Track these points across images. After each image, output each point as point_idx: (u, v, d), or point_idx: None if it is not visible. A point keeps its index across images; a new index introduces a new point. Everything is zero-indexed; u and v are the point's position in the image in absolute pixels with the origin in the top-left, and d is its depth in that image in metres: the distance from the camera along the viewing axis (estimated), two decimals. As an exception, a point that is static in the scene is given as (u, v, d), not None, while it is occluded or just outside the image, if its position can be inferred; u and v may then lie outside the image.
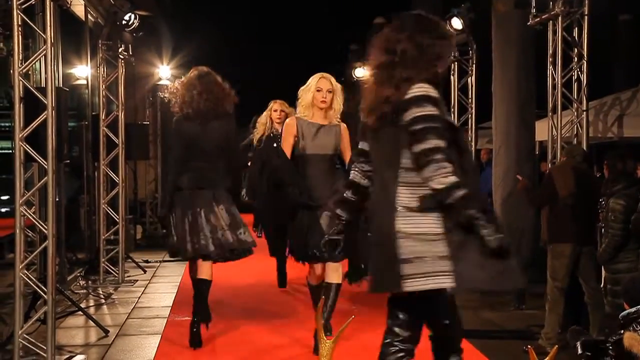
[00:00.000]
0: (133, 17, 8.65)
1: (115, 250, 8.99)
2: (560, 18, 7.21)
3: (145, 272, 9.53)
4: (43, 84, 5.76)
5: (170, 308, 7.30)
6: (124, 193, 9.32)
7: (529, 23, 7.59)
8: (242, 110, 6.54)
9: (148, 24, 9.94)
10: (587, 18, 7.26)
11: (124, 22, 8.64)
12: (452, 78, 9.79)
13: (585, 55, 7.34)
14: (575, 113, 7.51)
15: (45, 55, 5.33)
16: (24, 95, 5.32)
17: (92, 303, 7.70)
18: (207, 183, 5.76)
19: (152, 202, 14.33)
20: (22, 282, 5.33)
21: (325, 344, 4.21)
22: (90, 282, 8.64)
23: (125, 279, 8.89)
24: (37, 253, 5.99)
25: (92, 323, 6.51)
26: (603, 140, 8.76)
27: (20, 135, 5.28)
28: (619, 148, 7.35)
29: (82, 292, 8.15)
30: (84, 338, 6.32)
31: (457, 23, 8.80)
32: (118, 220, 9.02)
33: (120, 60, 9.01)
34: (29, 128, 5.29)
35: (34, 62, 5.67)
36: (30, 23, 5.47)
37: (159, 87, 14.18)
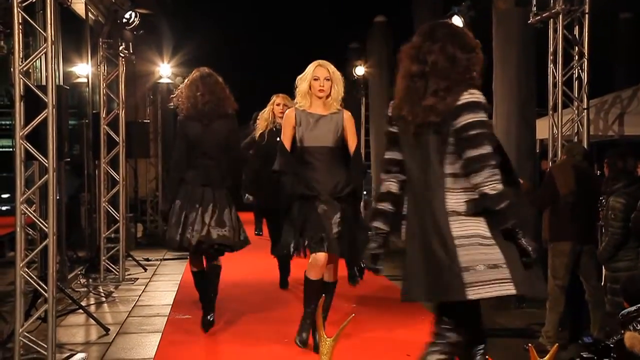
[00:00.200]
0: (133, 15, 8.64)
1: (116, 249, 8.99)
2: (561, 16, 7.21)
3: (146, 270, 9.53)
4: (44, 82, 5.75)
5: (171, 306, 7.30)
6: (125, 191, 9.32)
7: (530, 21, 7.57)
8: (242, 109, 6.64)
9: (149, 22, 9.94)
10: (587, 16, 7.25)
11: (125, 20, 8.64)
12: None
13: (586, 54, 7.34)
14: (576, 111, 7.50)
15: (46, 54, 5.32)
16: (25, 94, 5.31)
17: (92, 301, 7.71)
18: (210, 181, 5.96)
19: (152, 200, 14.33)
20: (22, 280, 5.33)
21: (326, 342, 4.21)
22: (91, 280, 8.64)
23: (126, 277, 8.89)
24: (37, 251, 5.99)
25: (92, 321, 6.51)
26: (604, 139, 8.75)
27: (21, 134, 5.27)
28: (620, 146, 7.36)
29: (82, 290, 8.15)
30: (85, 336, 6.32)
31: (457, 21, 8.77)
32: (119, 219, 9.01)
33: (121, 59, 9.01)
34: (30, 126, 5.29)
35: (35, 60, 5.67)
36: (31, 21, 5.46)
37: (160, 85, 14.22)
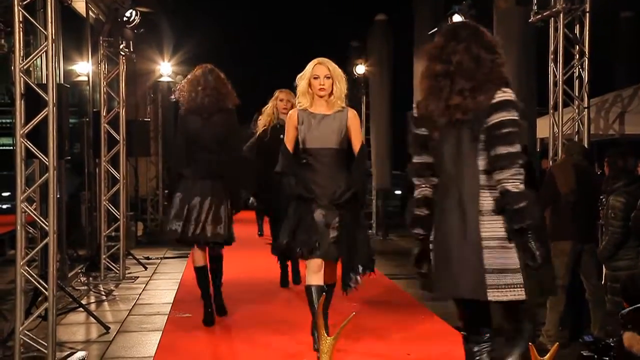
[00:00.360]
0: (134, 13, 8.64)
1: (116, 247, 8.99)
2: (562, 15, 7.21)
3: (146, 268, 9.53)
4: (44, 81, 5.76)
5: (171, 305, 7.30)
6: (125, 190, 9.32)
7: (531, 20, 7.57)
8: (242, 106, 6.67)
9: (149, 21, 9.95)
10: (588, 15, 7.25)
11: (125, 18, 8.63)
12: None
13: (587, 52, 7.34)
14: (577, 110, 7.50)
15: (46, 52, 5.32)
16: (25, 92, 5.31)
17: (93, 299, 7.71)
18: (209, 174, 6.15)
19: (153, 198, 14.34)
20: (23, 278, 5.33)
21: (326, 341, 4.22)
22: (91, 278, 8.65)
23: (126, 276, 8.89)
24: (38, 249, 5.99)
25: (93, 320, 6.52)
26: (604, 138, 8.76)
27: (21, 132, 5.27)
28: (620, 145, 7.36)
29: (83, 288, 8.16)
30: (85, 334, 6.33)
31: (458, 20, 8.78)
32: (119, 217, 9.01)
33: (121, 57, 9.01)
34: (30, 124, 5.29)
35: (35, 58, 5.67)
36: (32, 19, 5.45)
37: (160, 83, 14.23)
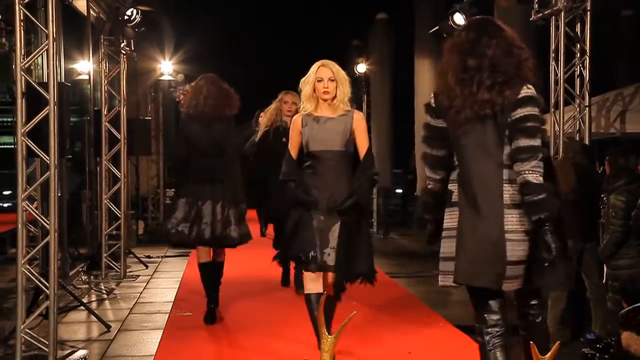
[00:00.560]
0: (135, 12, 8.64)
1: (117, 246, 8.99)
2: (563, 13, 7.20)
3: (147, 267, 9.54)
4: (45, 79, 5.75)
5: (172, 303, 7.31)
6: (126, 188, 9.32)
7: (532, 18, 7.57)
8: (243, 105, 6.72)
9: (150, 20, 9.95)
10: (589, 13, 7.26)
11: (126, 17, 8.64)
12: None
13: (588, 51, 7.34)
14: (578, 109, 7.50)
15: (47, 51, 5.32)
16: (26, 91, 5.31)
17: (94, 298, 7.71)
18: (213, 178, 6.31)
19: (153, 197, 14.34)
20: (24, 277, 5.33)
21: (327, 340, 4.22)
22: (92, 277, 8.65)
23: (127, 274, 8.89)
24: (39, 248, 5.98)
25: (94, 318, 6.52)
26: (605, 136, 8.75)
27: (23, 131, 5.27)
28: (621, 144, 7.34)
29: (84, 287, 8.16)
30: (86, 333, 6.34)
31: (459, 18, 8.75)
32: (120, 216, 9.02)
33: (122, 56, 9.01)
34: (31, 123, 5.29)
35: (36, 57, 5.67)
36: (33, 18, 5.46)
37: (161, 82, 14.23)
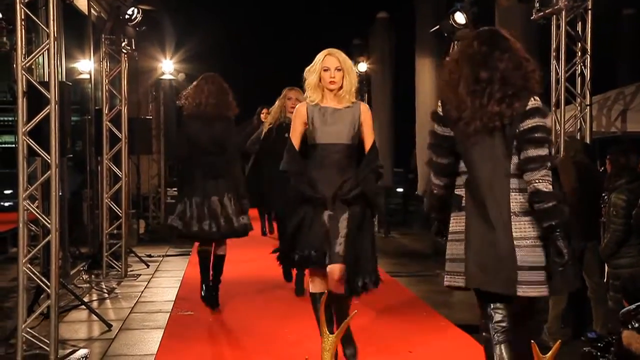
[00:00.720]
0: (136, 11, 8.64)
1: (118, 245, 8.99)
2: (564, 12, 7.20)
3: (148, 266, 9.53)
4: (46, 78, 5.75)
5: (173, 302, 7.30)
6: (127, 187, 9.32)
7: (533, 17, 7.56)
8: (243, 104, 6.76)
9: (151, 18, 9.94)
10: (590, 12, 7.25)
11: (127, 16, 8.64)
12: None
13: (589, 50, 7.33)
14: (579, 108, 7.50)
15: (48, 50, 5.32)
16: (27, 90, 5.32)
17: (95, 297, 7.71)
18: (215, 174, 6.53)
19: (155, 196, 14.34)
20: (25, 276, 5.34)
21: (328, 339, 4.22)
22: (93, 276, 8.65)
23: (128, 274, 8.89)
24: (40, 247, 5.99)
25: (95, 317, 6.52)
26: (606, 135, 8.75)
27: (24, 130, 5.28)
28: (622, 143, 7.34)
29: (85, 286, 8.16)
30: (87, 332, 6.34)
31: (460, 17, 8.76)
32: (121, 215, 9.02)
33: (123, 55, 9.01)
34: (32, 122, 5.30)
35: (37, 56, 5.68)
36: (34, 17, 5.46)
37: (162, 81, 14.23)
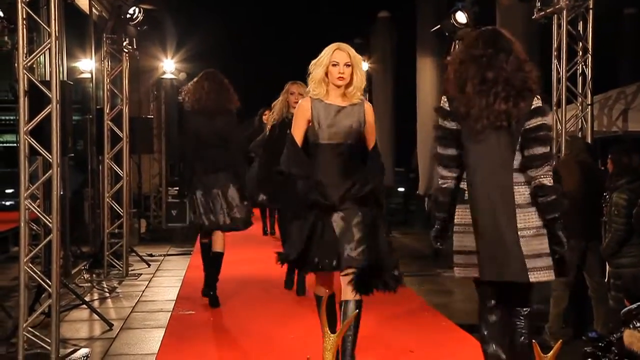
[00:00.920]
0: (137, 10, 8.64)
1: (120, 244, 9.00)
2: (565, 12, 7.20)
3: (150, 265, 9.54)
4: (47, 78, 5.76)
5: (174, 302, 7.31)
6: (128, 187, 9.32)
7: (534, 17, 7.56)
8: (245, 104, 6.79)
9: (152, 18, 9.94)
10: (591, 12, 7.24)
11: (129, 15, 8.64)
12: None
13: (590, 49, 7.33)
14: (580, 107, 7.50)
15: (50, 49, 5.33)
16: (29, 89, 5.33)
17: (96, 296, 7.71)
18: (218, 167, 6.72)
19: (156, 196, 14.33)
20: (26, 275, 5.34)
21: (329, 338, 4.22)
22: (95, 275, 8.65)
23: (130, 273, 8.90)
24: (41, 246, 5.99)
25: (96, 316, 6.53)
26: (607, 135, 8.75)
27: (25, 129, 5.29)
28: (624, 142, 7.35)
29: (86, 285, 8.16)
30: (88, 331, 6.34)
31: (461, 17, 8.75)
32: (122, 214, 9.02)
33: (125, 54, 9.01)
34: (34, 122, 5.30)
35: (39, 55, 5.68)
36: (35, 17, 5.46)
37: (163, 80, 14.22)
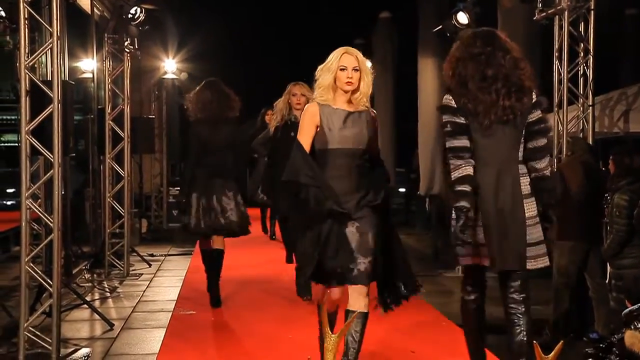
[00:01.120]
0: (139, 10, 8.65)
1: (121, 244, 9.01)
2: (567, 13, 7.19)
3: (150, 265, 9.54)
4: (49, 77, 5.76)
5: (175, 302, 7.32)
6: (129, 187, 9.33)
7: (535, 18, 7.56)
8: (245, 104, 6.81)
9: (154, 18, 9.94)
10: (593, 13, 7.24)
11: (130, 15, 8.64)
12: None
13: (592, 50, 7.32)
14: (581, 108, 7.49)
15: (52, 49, 5.33)
16: (30, 89, 5.33)
17: (97, 296, 7.71)
18: (219, 174, 6.78)
19: (157, 195, 14.34)
20: (27, 275, 5.35)
21: (330, 339, 4.22)
22: (96, 275, 8.65)
23: (131, 273, 8.90)
24: (42, 246, 6.00)
25: (97, 316, 6.53)
26: (609, 136, 8.74)
27: (27, 129, 5.29)
28: (626, 143, 7.34)
29: (87, 285, 8.16)
30: (89, 331, 6.35)
31: (462, 18, 8.76)
32: (123, 214, 9.03)
33: (126, 54, 9.02)
34: (35, 121, 5.31)
35: (40, 55, 5.68)
36: (37, 16, 5.46)
37: (165, 80, 14.24)
